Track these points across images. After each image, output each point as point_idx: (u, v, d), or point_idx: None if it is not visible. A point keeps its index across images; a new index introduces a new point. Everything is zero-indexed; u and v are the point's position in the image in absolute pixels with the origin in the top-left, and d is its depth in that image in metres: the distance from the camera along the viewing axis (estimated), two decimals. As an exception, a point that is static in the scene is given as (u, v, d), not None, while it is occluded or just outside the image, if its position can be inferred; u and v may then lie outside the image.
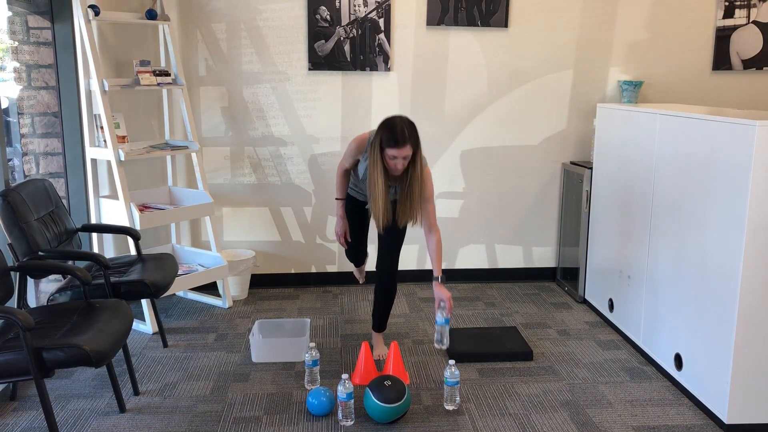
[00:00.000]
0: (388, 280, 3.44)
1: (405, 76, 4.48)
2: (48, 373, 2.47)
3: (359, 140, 3.28)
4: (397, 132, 3.00)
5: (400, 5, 4.39)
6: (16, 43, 3.83)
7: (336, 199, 3.50)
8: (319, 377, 3.25)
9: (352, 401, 2.89)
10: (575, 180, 4.46)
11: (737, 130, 2.75)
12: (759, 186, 2.67)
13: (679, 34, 4.58)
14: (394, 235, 3.37)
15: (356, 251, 3.67)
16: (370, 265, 3.85)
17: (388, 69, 4.45)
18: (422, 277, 4.77)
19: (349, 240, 3.53)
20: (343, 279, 4.73)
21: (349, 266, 4.68)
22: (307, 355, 3.20)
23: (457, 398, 3.04)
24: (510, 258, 4.81)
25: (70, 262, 3.33)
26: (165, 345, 3.70)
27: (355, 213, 3.53)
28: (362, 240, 3.64)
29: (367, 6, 4.35)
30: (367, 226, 3.61)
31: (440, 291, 3.21)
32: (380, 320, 3.53)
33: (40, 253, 3.11)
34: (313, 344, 3.20)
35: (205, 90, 4.42)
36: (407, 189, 3.17)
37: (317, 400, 2.95)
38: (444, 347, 3.25)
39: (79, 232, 3.59)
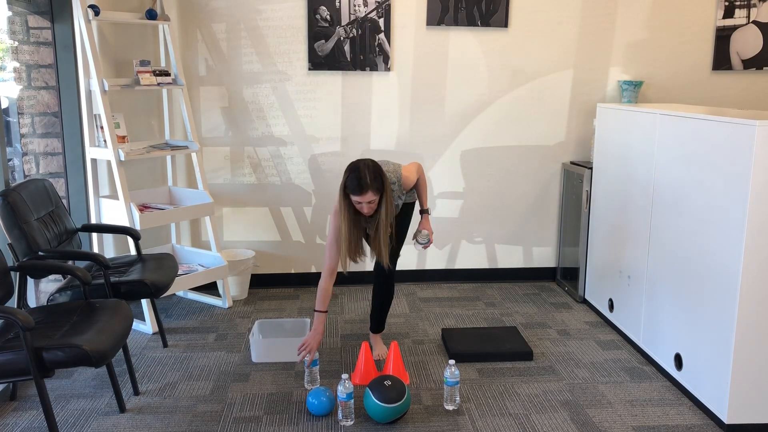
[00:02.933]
0: (386, 281, 3.44)
1: (405, 76, 4.48)
2: (48, 373, 2.47)
3: (336, 212, 3.24)
4: (360, 178, 3.00)
5: (400, 5, 4.39)
6: (16, 43, 3.83)
7: (314, 310, 3.27)
8: (319, 377, 3.25)
9: (352, 401, 2.89)
10: (575, 180, 4.46)
11: (737, 130, 2.75)
12: (759, 186, 2.67)
13: (679, 34, 4.58)
14: (395, 237, 3.37)
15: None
16: (370, 265, 3.85)
17: (388, 69, 4.45)
18: (422, 277, 4.77)
19: (306, 363, 3.22)
20: (343, 279, 4.72)
21: (348, 266, 4.67)
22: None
23: (457, 398, 3.04)
24: (510, 258, 4.81)
25: (70, 262, 3.33)
26: (165, 345, 3.70)
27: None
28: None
29: (367, 6, 4.35)
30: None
31: (425, 223, 3.46)
32: (378, 322, 3.54)
33: (40, 253, 3.11)
34: None
35: (205, 90, 4.42)
36: (375, 231, 3.20)
37: (317, 400, 2.95)
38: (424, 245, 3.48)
39: (79, 232, 3.59)
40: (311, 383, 3.22)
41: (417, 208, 3.54)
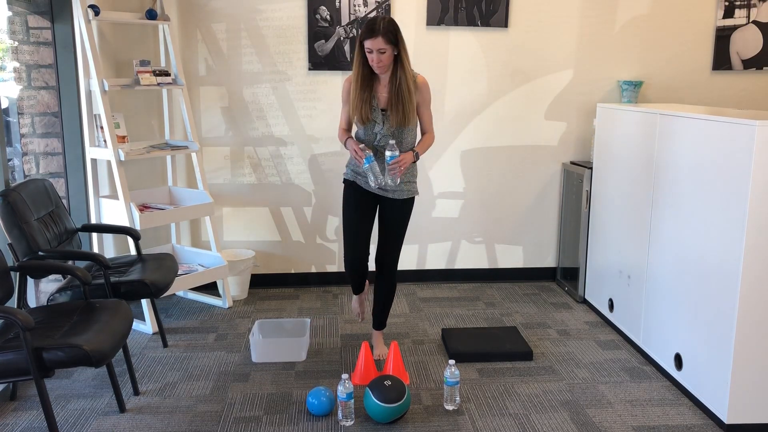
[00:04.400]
0: (388, 275, 3.43)
1: (405, 76, 4.48)
2: (48, 373, 2.47)
3: (348, 78, 3.27)
4: (374, 23, 3.06)
5: (400, 5, 4.39)
6: (16, 43, 3.83)
7: (344, 141, 3.30)
8: (380, 172, 3.17)
9: (352, 401, 2.89)
10: (575, 180, 4.46)
11: (737, 130, 2.75)
12: (759, 186, 2.67)
13: (679, 34, 4.58)
14: (394, 230, 3.36)
15: (355, 251, 3.39)
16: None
17: (388, 69, 4.44)
18: (422, 277, 4.77)
19: (364, 148, 3.22)
20: (343, 279, 4.73)
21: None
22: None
23: (457, 398, 3.04)
24: (510, 258, 4.81)
25: (70, 262, 3.33)
26: (165, 345, 3.70)
27: (357, 208, 3.35)
28: (365, 238, 3.39)
29: (367, 6, 4.35)
30: (371, 226, 3.40)
31: (406, 154, 3.17)
32: (380, 318, 3.53)
33: (40, 253, 3.11)
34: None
35: (205, 90, 4.42)
36: (397, 89, 3.15)
37: (317, 400, 2.95)
38: (381, 184, 3.21)
39: (79, 232, 3.59)
40: (375, 177, 3.15)
41: (416, 207, 3.51)
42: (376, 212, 3.44)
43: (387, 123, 3.21)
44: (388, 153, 3.13)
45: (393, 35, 3.08)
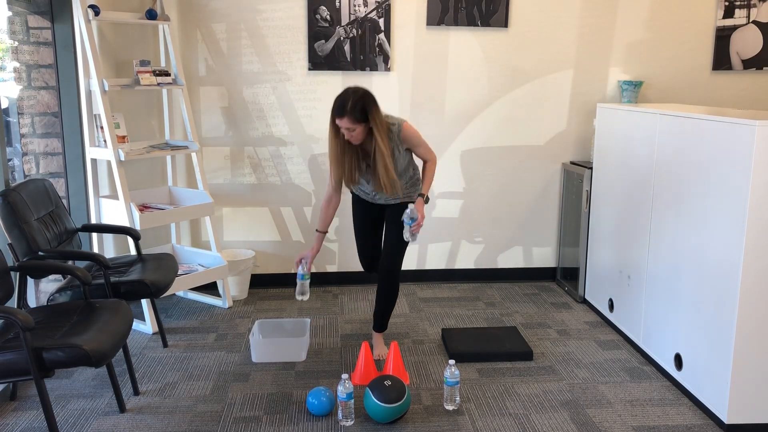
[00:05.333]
0: (390, 279, 3.44)
1: (405, 76, 4.48)
2: (48, 373, 2.47)
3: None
4: (343, 101, 3.07)
5: (400, 5, 4.39)
6: (16, 43, 3.83)
7: (316, 230, 3.54)
8: (308, 291, 3.50)
9: (352, 401, 2.89)
10: (575, 180, 4.46)
11: (737, 130, 2.75)
12: (759, 186, 2.67)
13: (679, 34, 4.58)
14: (394, 233, 3.38)
15: (366, 257, 3.66)
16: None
17: (388, 69, 4.45)
18: (422, 277, 4.77)
19: (302, 272, 3.51)
20: (343, 279, 4.73)
21: (349, 266, 4.68)
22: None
23: (457, 398, 3.04)
24: (510, 258, 4.81)
25: (70, 262, 3.33)
26: (165, 345, 3.70)
27: (365, 213, 3.55)
28: (373, 244, 3.63)
29: (367, 6, 4.35)
30: (380, 227, 3.59)
31: (418, 206, 3.31)
32: (381, 320, 3.53)
33: (40, 253, 3.11)
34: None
35: (205, 90, 4.42)
36: (373, 164, 3.22)
37: (317, 400, 2.95)
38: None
39: (79, 232, 3.59)
40: (301, 295, 3.43)
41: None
42: (382, 218, 3.55)
43: (373, 181, 3.30)
44: (407, 216, 3.25)
45: (361, 113, 3.08)
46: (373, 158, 3.21)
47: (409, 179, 3.41)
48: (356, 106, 3.06)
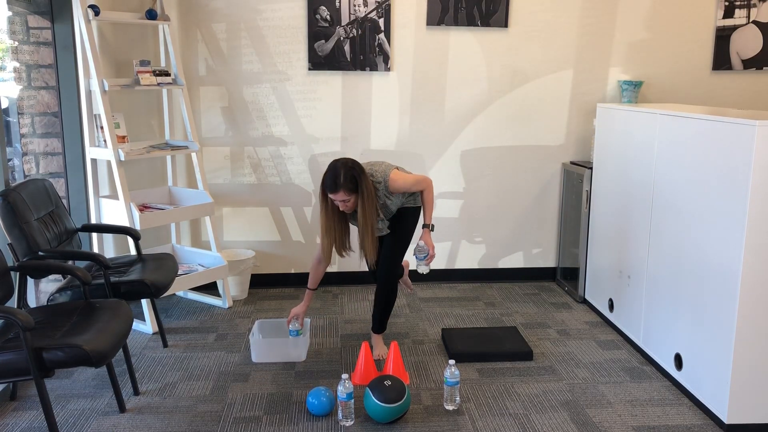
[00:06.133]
0: (389, 283, 3.45)
1: (405, 76, 4.48)
2: (48, 373, 2.47)
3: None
4: (335, 177, 3.14)
5: (400, 5, 4.39)
6: (16, 43, 3.83)
7: (307, 287, 3.58)
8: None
9: (352, 401, 2.89)
10: (575, 180, 4.46)
11: (737, 130, 2.75)
12: (759, 186, 2.67)
13: (679, 34, 4.58)
14: (395, 239, 3.40)
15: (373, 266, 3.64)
16: (364, 265, 3.84)
17: (388, 69, 4.45)
18: (422, 277, 4.77)
19: (294, 328, 3.58)
20: (343, 279, 4.73)
21: (349, 266, 4.68)
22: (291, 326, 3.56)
23: (457, 398, 3.04)
24: (510, 258, 4.81)
25: (70, 262, 3.33)
26: (165, 345, 3.70)
27: None
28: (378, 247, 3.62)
29: (367, 6, 4.35)
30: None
31: (426, 237, 3.39)
32: (379, 322, 3.54)
33: (40, 253, 3.11)
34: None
35: (205, 90, 4.42)
36: (360, 227, 3.29)
37: (317, 400, 2.95)
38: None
39: (79, 232, 3.59)
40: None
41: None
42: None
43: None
44: (418, 254, 3.37)
45: (353, 184, 3.16)
46: (359, 228, 3.28)
47: (406, 200, 3.46)
48: (347, 178, 3.14)
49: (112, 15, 3.94)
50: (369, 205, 3.22)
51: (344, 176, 3.14)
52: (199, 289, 4.53)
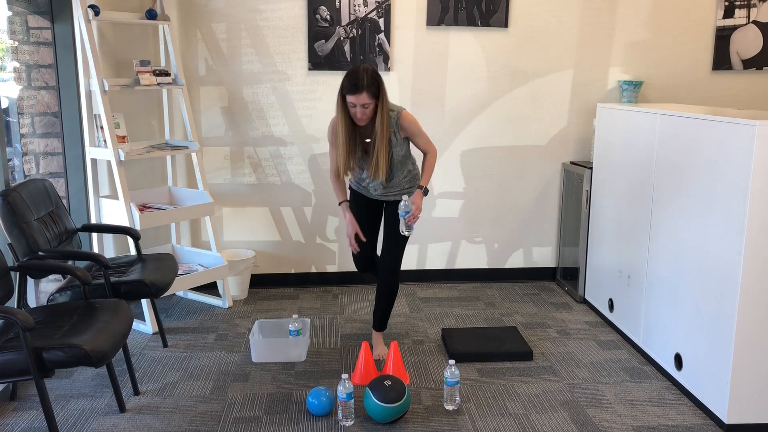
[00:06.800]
0: (390, 277, 3.44)
1: (405, 76, 4.48)
2: (48, 373, 2.47)
3: (332, 122, 3.31)
4: (357, 79, 3.05)
5: (400, 5, 4.39)
6: (16, 43, 3.83)
7: (339, 203, 3.48)
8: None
9: (352, 401, 2.89)
10: (575, 180, 4.46)
11: (737, 130, 2.75)
12: (759, 186, 2.67)
13: (679, 34, 4.58)
14: (394, 230, 3.37)
15: (364, 254, 3.53)
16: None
17: (388, 69, 4.45)
18: (422, 277, 4.77)
19: (363, 240, 3.46)
20: (343, 279, 4.73)
21: (349, 266, 4.68)
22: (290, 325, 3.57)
23: (457, 398, 3.04)
24: (510, 258, 4.81)
25: (70, 262, 3.33)
26: (165, 345, 3.70)
27: (361, 210, 3.49)
28: (371, 241, 3.54)
29: (367, 6, 4.35)
30: (377, 226, 3.56)
31: (416, 198, 3.26)
32: (381, 319, 3.53)
33: (40, 253, 3.11)
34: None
35: (205, 90, 4.42)
36: (373, 142, 3.20)
37: (317, 400, 2.95)
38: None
39: (79, 232, 3.59)
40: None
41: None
42: (381, 216, 3.53)
43: (367, 167, 3.27)
44: (402, 208, 3.20)
45: (376, 88, 3.09)
46: (373, 141, 3.19)
47: (407, 173, 3.39)
48: (372, 81, 3.07)
49: (112, 15, 3.94)
50: (386, 116, 3.14)
51: (368, 79, 3.06)
52: (199, 289, 4.53)
